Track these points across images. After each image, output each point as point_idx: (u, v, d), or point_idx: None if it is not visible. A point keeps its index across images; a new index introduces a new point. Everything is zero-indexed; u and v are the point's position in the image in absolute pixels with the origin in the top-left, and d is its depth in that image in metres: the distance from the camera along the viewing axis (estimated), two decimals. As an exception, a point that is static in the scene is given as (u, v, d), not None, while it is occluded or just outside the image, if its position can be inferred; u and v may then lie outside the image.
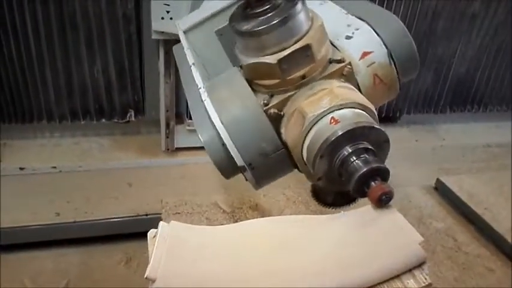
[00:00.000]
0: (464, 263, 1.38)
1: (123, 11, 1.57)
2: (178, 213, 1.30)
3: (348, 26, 0.69)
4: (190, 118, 1.74)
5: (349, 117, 0.57)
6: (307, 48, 0.61)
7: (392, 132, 2.34)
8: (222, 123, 0.61)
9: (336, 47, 0.67)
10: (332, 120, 0.57)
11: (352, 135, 0.56)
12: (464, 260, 1.39)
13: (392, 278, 0.53)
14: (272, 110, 0.62)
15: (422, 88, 2.09)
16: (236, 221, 1.41)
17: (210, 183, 1.58)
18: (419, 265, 0.54)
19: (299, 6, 0.60)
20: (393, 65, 0.68)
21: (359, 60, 0.66)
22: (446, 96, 2.15)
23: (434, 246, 1.43)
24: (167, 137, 1.74)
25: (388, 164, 1.99)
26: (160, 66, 1.60)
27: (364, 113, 0.60)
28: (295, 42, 0.60)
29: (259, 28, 0.59)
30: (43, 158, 1.67)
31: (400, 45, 0.69)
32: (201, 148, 0.79)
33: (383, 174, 0.56)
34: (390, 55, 0.68)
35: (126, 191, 1.56)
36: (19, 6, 1.48)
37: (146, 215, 1.45)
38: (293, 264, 0.53)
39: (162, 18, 1.43)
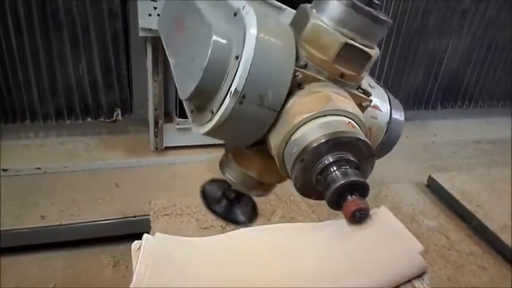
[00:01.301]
0: (457, 261, 1.37)
1: (108, 8, 1.53)
2: (167, 214, 1.27)
3: (370, 81, 0.73)
4: (180, 116, 1.71)
5: (360, 132, 0.58)
6: (367, 57, 0.61)
7: (384, 130, 2.27)
8: (256, 40, 0.56)
9: None
10: (350, 124, 0.57)
11: (355, 146, 0.55)
12: (457, 258, 1.38)
13: None
14: (300, 76, 0.60)
15: (413, 84, 2.08)
16: (226, 223, 1.39)
17: (199, 184, 1.54)
18: (420, 275, 0.52)
19: (389, 24, 0.62)
20: (383, 136, 0.71)
21: (370, 107, 0.68)
22: (437, 93, 2.15)
23: (427, 244, 1.42)
24: (156, 136, 1.71)
25: (380, 161, 1.96)
26: (148, 64, 1.56)
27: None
28: (365, 46, 0.60)
29: (366, 11, 0.59)
30: (27, 159, 1.62)
31: (395, 131, 0.72)
32: (191, 147, 0.77)
33: (362, 189, 0.54)
34: (387, 127, 0.70)
35: (114, 192, 1.52)
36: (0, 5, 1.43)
37: (134, 216, 1.41)
38: (284, 275, 0.51)
39: (150, 15, 1.39)
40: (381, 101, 0.71)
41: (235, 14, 0.61)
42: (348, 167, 0.54)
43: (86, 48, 1.57)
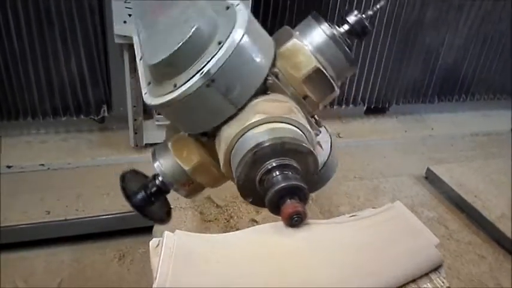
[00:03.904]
0: (456, 250, 1.40)
1: (88, 3, 1.53)
2: (171, 208, 1.29)
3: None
4: (160, 113, 1.71)
5: (311, 147, 0.60)
6: (332, 89, 0.66)
7: (382, 123, 2.36)
8: (243, 34, 0.58)
9: None
10: (302, 137, 0.60)
11: (303, 157, 0.57)
12: (456, 247, 1.41)
13: (408, 283, 0.52)
14: (271, 81, 0.62)
15: (411, 78, 2.11)
16: (229, 215, 1.40)
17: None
18: (436, 268, 0.53)
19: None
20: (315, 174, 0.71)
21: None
22: (434, 86, 2.17)
23: (427, 234, 1.44)
24: (135, 133, 1.69)
25: (379, 154, 1.99)
26: (125, 60, 1.52)
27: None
28: (332, 78, 0.65)
29: (342, 42, 0.65)
30: (31, 156, 1.64)
31: (328, 172, 0.73)
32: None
33: (302, 194, 0.55)
34: (323, 167, 0.71)
35: (117, 187, 1.53)
36: (1, 6, 1.44)
37: (138, 211, 1.43)
38: (305, 272, 0.51)
39: (125, 22, 1.36)
40: (324, 141, 0.74)
41: (227, 8, 0.63)
42: (290, 172, 0.56)
43: (74, 45, 1.58)
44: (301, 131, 0.60)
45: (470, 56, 2.13)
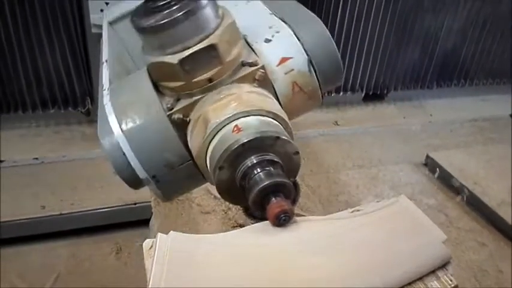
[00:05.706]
0: (457, 238, 1.39)
1: None
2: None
3: (270, 27, 0.65)
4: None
5: (254, 126, 0.53)
6: (212, 48, 0.56)
7: (380, 110, 2.33)
8: (122, 131, 0.56)
9: (253, 50, 0.63)
10: (235, 129, 0.53)
11: (256, 145, 0.52)
12: (457, 235, 1.40)
13: (414, 281, 0.49)
14: (177, 115, 0.57)
15: (409, 64, 2.08)
16: (227, 206, 1.38)
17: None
18: (443, 265, 0.49)
19: (204, 1, 0.55)
20: (314, 73, 0.63)
21: (276, 66, 0.62)
22: (433, 71, 2.14)
23: (427, 222, 1.43)
24: None
25: (378, 142, 1.96)
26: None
27: (274, 121, 0.56)
28: (200, 42, 0.56)
29: (159, 23, 0.54)
30: (24, 149, 1.61)
31: (322, 53, 0.64)
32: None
33: (286, 190, 0.52)
34: (310, 62, 0.63)
35: (113, 180, 1.51)
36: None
37: (135, 203, 1.41)
38: (308, 270, 0.49)
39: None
40: (286, 49, 0.63)
41: (103, 104, 0.60)
42: (271, 168, 0.52)
43: (57, 37, 1.54)
44: (229, 123, 0.54)
45: (470, 40, 2.10)
